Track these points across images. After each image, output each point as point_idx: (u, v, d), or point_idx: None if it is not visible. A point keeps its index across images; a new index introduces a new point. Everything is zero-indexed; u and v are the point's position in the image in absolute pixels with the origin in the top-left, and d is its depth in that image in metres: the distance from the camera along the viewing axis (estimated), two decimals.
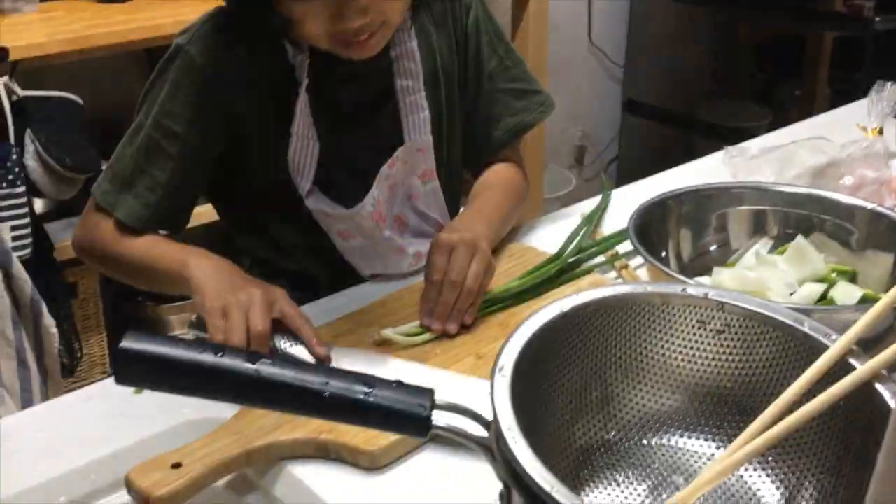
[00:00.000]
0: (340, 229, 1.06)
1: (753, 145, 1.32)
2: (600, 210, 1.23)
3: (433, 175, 1.10)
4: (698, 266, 1.01)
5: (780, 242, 1.02)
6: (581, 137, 3.32)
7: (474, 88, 1.14)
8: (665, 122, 3.33)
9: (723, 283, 0.92)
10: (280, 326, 0.86)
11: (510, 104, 1.14)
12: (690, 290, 0.66)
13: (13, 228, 1.78)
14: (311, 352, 0.85)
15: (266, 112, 1.01)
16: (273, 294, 0.87)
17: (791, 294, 0.93)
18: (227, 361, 0.56)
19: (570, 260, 1.07)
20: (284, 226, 1.08)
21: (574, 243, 1.09)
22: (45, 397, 1.90)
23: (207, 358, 0.56)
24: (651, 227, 0.98)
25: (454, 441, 0.78)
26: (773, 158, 1.23)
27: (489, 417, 0.57)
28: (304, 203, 1.03)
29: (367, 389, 0.57)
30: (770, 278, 0.93)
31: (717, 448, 0.68)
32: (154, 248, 0.99)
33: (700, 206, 1.01)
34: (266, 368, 0.56)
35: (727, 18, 3.35)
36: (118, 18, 1.91)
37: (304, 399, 0.56)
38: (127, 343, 0.56)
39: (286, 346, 0.85)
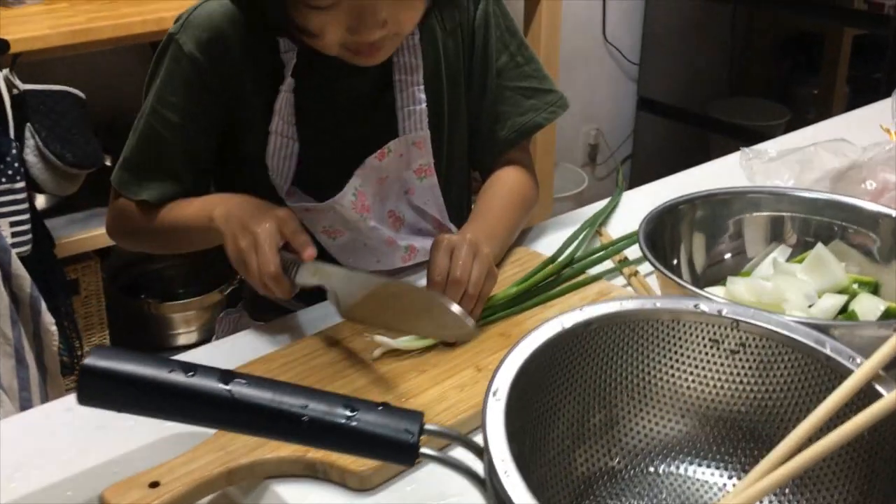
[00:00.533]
0: (325, 226, 1.03)
1: (771, 147, 1.26)
2: (608, 210, 1.18)
3: (431, 171, 1.06)
4: (711, 275, 0.96)
5: (799, 251, 0.97)
6: (595, 136, 3.27)
7: (480, 85, 1.09)
8: (680, 121, 3.27)
9: (737, 293, 0.87)
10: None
11: (519, 103, 1.09)
12: (703, 307, 0.61)
13: (12, 224, 1.75)
14: (301, 256, 0.86)
15: (252, 105, 0.99)
16: (274, 223, 0.87)
17: (810, 306, 0.88)
18: (198, 381, 0.52)
19: (577, 265, 1.02)
20: None
21: (574, 245, 1.04)
22: (45, 396, 1.88)
23: (177, 378, 0.52)
24: (663, 234, 0.93)
25: None
26: (792, 161, 1.18)
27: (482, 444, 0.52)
28: (286, 203, 1.00)
29: (349, 413, 0.52)
30: (788, 289, 0.88)
31: (730, 478, 0.63)
32: (181, 212, 1.00)
33: (714, 211, 0.96)
34: (240, 389, 0.52)
35: (744, 15, 3.28)
36: (123, 11, 1.87)
37: (281, 423, 0.52)
38: (92, 360, 0.52)
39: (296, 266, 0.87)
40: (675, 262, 0.96)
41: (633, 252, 1.07)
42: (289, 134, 0.98)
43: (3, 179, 1.69)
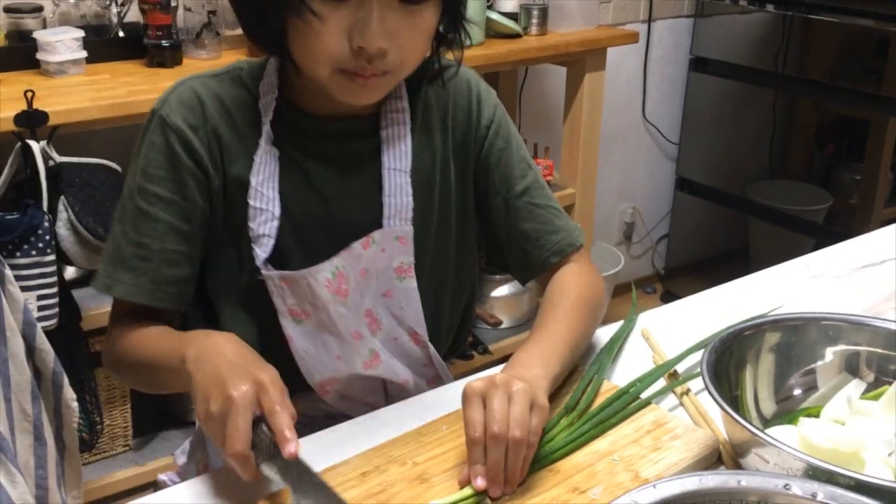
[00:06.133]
0: (292, 305, 0.95)
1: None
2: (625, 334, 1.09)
3: (410, 272, 0.99)
4: (778, 409, 0.89)
5: (874, 385, 0.90)
6: (631, 214, 3.22)
7: (502, 201, 1.04)
8: (718, 202, 3.21)
9: (812, 438, 0.80)
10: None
11: (550, 220, 1.05)
12: (795, 489, 0.54)
13: (39, 298, 1.72)
14: (281, 450, 0.76)
15: (234, 171, 0.95)
16: (253, 389, 0.77)
17: (890, 454, 0.81)
18: None
19: (632, 389, 0.95)
20: (234, 316, 0.99)
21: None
22: (61, 474, 1.82)
23: None
24: (728, 361, 0.86)
25: None
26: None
27: None
28: (259, 276, 0.94)
29: None
30: (866, 435, 0.81)
31: None
32: (156, 342, 0.92)
33: (784, 339, 0.89)
34: None
35: (787, 98, 3.24)
36: (162, 85, 1.86)
37: None
38: None
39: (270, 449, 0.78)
40: (736, 392, 0.89)
41: (682, 365, 1.00)
42: (268, 201, 0.94)
43: (34, 252, 1.67)
